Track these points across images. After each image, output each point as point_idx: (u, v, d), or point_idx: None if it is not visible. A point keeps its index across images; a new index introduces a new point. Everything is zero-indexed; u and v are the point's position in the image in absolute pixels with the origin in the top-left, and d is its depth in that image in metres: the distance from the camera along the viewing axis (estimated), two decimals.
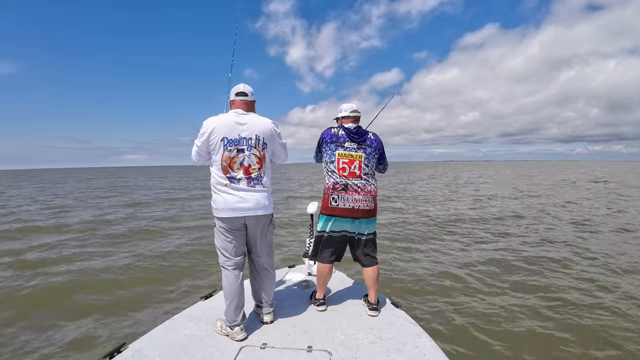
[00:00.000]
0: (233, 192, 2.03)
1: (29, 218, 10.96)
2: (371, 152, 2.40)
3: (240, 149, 2.03)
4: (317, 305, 2.46)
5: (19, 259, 6.12)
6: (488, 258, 5.83)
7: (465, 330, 3.44)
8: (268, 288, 2.26)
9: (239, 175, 2.04)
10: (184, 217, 10.76)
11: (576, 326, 3.49)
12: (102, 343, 3.25)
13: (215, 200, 2.07)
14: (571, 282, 4.70)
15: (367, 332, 2.10)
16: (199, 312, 2.35)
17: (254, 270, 2.29)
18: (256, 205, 2.07)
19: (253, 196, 2.06)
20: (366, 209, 2.37)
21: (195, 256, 6.14)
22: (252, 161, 2.07)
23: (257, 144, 2.08)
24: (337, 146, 2.37)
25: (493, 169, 64.39)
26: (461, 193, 17.91)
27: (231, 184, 2.03)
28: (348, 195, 2.34)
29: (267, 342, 1.98)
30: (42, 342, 3.30)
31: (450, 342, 3.19)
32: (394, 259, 5.87)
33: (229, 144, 2.02)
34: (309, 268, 3.19)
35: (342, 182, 2.35)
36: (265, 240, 2.24)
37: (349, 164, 2.36)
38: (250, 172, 2.06)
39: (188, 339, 2.01)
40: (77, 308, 4.03)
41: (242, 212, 2.05)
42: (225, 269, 2.13)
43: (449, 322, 3.59)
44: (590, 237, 7.43)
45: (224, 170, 2.03)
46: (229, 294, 2.09)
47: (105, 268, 5.44)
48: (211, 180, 2.09)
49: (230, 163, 2.03)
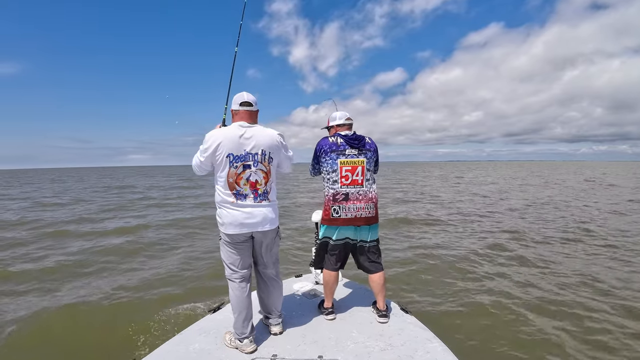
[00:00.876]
0: (240, 209, 2.00)
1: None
2: (371, 156, 2.41)
3: (246, 165, 1.99)
4: (325, 315, 2.44)
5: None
6: (504, 259, 5.77)
7: (478, 334, 3.39)
8: (276, 298, 2.24)
9: (246, 192, 2.00)
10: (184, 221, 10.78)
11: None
12: (112, 359, 3.24)
13: (220, 215, 2.04)
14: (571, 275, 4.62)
15: (378, 340, 2.08)
16: (207, 326, 2.34)
17: (260, 281, 2.27)
18: (263, 220, 2.04)
19: (260, 212, 2.04)
20: (368, 216, 2.36)
21: (201, 267, 6.13)
22: (259, 177, 2.03)
23: (264, 158, 2.04)
24: (338, 155, 2.36)
25: (515, 169, 62.69)
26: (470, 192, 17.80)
27: (237, 201, 1.99)
28: (350, 205, 2.33)
29: (277, 354, 1.97)
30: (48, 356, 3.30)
31: (463, 346, 3.15)
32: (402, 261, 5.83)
33: (235, 160, 1.97)
34: (316, 277, 3.18)
35: (343, 192, 2.34)
36: (272, 253, 2.22)
37: (352, 172, 2.35)
38: (257, 187, 2.03)
39: (197, 352, 2.00)
40: (83, 323, 4.03)
41: (249, 228, 2.03)
42: (232, 282, 2.12)
43: (461, 326, 3.54)
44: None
45: (230, 187, 1.99)
46: (237, 306, 2.07)
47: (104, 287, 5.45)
48: (216, 197, 2.05)
49: (237, 179, 1.98)
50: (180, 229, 9.59)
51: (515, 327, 3.48)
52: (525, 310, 3.83)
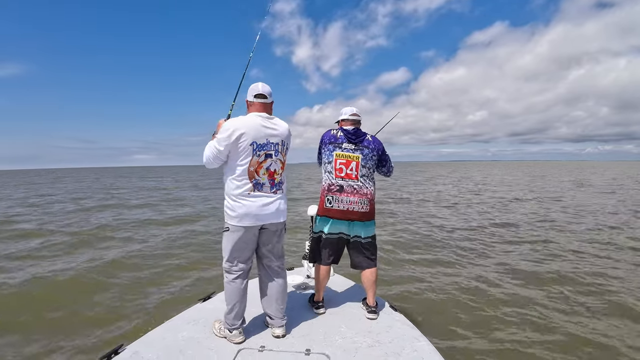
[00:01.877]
0: (255, 199, 1.99)
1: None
2: (369, 153, 2.42)
3: (268, 154, 2.01)
4: (315, 309, 2.46)
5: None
6: (494, 262, 5.83)
7: (465, 335, 3.43)
8: (281, 295, 2.18)
9: (263, 180, 2.01)
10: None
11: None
12: (98, 344, 3.24)
13: (233, 207, 1.99)
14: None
15: (366, 336, 2.10)
16: (197, 315, 2.35)
17: (266, 275, 2.20)
18: (277, 212, 2.06)
19: (275, 201, 2.05)
20: (361, 211, 2.38)
21: (191, 256, 6.13)
22: (278, 166, 2.06)
23: (283, 148, 2.09)
24: (335, 147, 2.42)
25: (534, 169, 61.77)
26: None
27: (255, 190, 1.99)
28: (343, 197, 2.37)
29: (265, 345, 1.98)
30: (36, 343, 3.29)
31: (450, 345, 3.18)
32: (395, 261, 5.87)
33: (258, 148, 1.97)
34: (307, 270, 3.19)
35: (338, 184, 2.39)
36: (280, 245, 2.22)
37: (346, 165, 2.39)
38: (274, 177, 2.05)
39: (186, 341, 2.01)
40: (72, 309, 4.01)
41: (263, 220, 2.02)
42: (230, 274, 2.08)
43: (448, 326, 3.58)
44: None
45: (250, 176, 1.98)
46: (232, 299, 2.05)
47: (93, 267, 5.43)
48: (227, 188, 2.01)
49: (257, 168, 1.99)
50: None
51: (505, 329, 3.52)
52: (520, 316, 3.87)
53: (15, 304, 4.20)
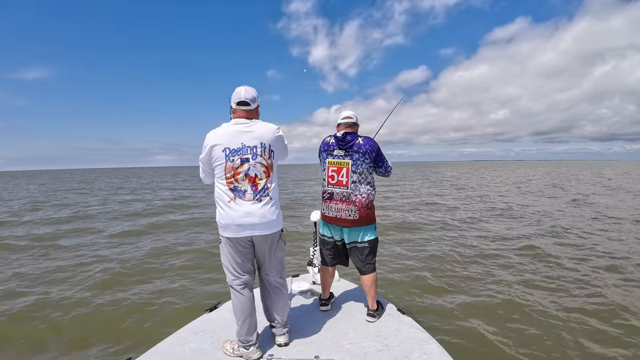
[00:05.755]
0: (237, 208, 1.91)
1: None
2: (359, 158, 2.36)
3: (244, 159, 1.91)
4: (320, 305, 2.59)
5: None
6: (505, 260, 5.77)
7: (475, 335, 3.38)
8: (280, 308, 2.14)
9: (244, 187, 1.92)
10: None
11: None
12: (107, 359, 3.22)
13: (219, 215, 1.97)
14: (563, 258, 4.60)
15: (374, 340, 2.08)
16: (203, 325, 2.34)
17: (264, 288, 2.17)
18: (262, 222, 1.94)
19: (259, 210, 1.93)
20: (349, 219, 2.39)
21: (198, 263, 6.11)
22: (259, 171, 1.94)
23: (264, 151, 1.96)
24: (327, 154, 2.47)
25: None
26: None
27: (236, 198, 1.92)
28: (332, 205, 2.43)
29: (273, 354, 1.97)
30: (45, 354, 3.28)
31: (460, 347, 3.14)
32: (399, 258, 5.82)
33: (232, 153, 1.91)
34: (313, 277, 3.18)
35: (329, 191, 2.45)
36: (275, 258, 2.11)
37: (337, 172, 2.41)
38: (256, 182, 1.94)
39: (194, 352, 2.00)
40: (79, 319, 4.01)
41: (248, 231, 1.93)
42: (234, 289, 2.04)
43: (458, 327, 3.54)
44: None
45: (228, 183, 1.92)
46: (241, 314, 1.99)
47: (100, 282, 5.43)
48: (215, 193, 1.99)
49: (235, 174, 1.91)
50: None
51: (518, 330, 3.47)
52: (533, 313, 3.79)
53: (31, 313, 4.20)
